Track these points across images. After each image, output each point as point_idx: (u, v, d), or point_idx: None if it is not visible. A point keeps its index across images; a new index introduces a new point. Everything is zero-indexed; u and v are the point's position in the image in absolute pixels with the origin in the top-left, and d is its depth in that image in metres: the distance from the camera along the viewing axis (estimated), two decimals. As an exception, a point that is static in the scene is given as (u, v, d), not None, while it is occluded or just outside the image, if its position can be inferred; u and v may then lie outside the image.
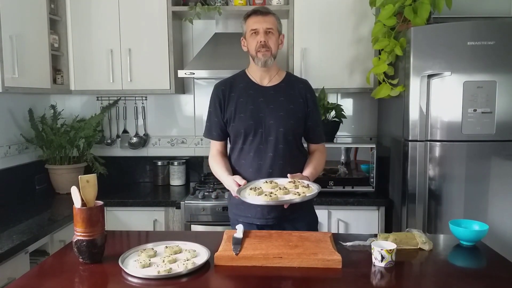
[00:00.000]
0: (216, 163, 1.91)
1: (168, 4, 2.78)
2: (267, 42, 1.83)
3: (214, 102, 1.92)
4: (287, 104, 1.88)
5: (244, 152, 1.88)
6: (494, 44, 2.26)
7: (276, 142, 1.86)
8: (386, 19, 2.43)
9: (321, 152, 2.00)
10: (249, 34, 1.86)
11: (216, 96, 1.92)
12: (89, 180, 1.47)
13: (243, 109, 1.87)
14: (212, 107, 1.94)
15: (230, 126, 1.90)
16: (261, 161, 1.85)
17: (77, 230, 1.44)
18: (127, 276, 1.34)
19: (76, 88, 2.88)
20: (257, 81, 1.92)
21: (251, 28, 1.84)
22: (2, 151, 2.63)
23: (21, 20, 2.37)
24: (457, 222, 1.69)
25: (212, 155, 1.97)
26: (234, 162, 1.92)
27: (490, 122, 2.30)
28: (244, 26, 1.89)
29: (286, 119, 1.86)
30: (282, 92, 1.90)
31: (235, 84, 1.93)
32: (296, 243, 1.53)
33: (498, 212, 2.34)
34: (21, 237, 1.90)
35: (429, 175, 2.37)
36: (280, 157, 1.86)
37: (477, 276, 1.42)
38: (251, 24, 1.85)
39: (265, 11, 1.86)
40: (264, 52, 1.83)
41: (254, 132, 1.86)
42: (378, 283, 1.36)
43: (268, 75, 1.92)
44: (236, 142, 1.91)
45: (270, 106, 1.87)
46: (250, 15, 1.86)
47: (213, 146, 1.97)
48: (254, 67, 1.90)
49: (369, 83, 2.68)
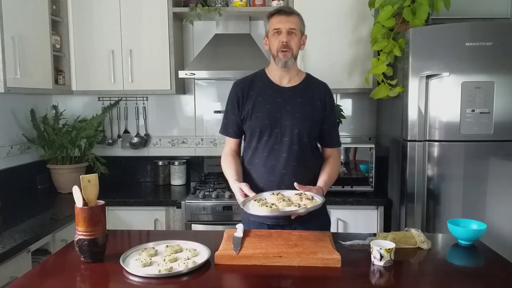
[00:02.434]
0: (227, 164, 1.90)
1: (168, 5, 2.79)
2: (289, 42, 1.81)
3: (232, 100, 1.91)
4: (304, 106, 1.87)
5: (258, 151, 1.87)
6: (492, 45, 2.27)
7: (290, 143, 1.84)
8: (385, 20, 2.45)
9: (335, 159, 1.96)
10: (272, 34, 1.83)
11: (234, 94, 1.91)
12: (91, 179, 1.48)
13: (260, 108, 1.85)
14: (229, 104, 1.93)
15: (246, 124, 1.88)
16: (275, 161, 1.84)
17: (79, 230, 1.45)
18: (128, 275, 1.35)
19: (78, 89, 2.89)
20: (276, 81, 1.91)
21: (274, 28, 1.82)
22: (4, 151, 2.64)
23: (23, 21, 2.39)
24: (455, 221, 1.70)
25: (225, 153, 1.96)
26: (248, 161, 1.91)
27: (488, 122, 2.31)
28: (267, 25, 1.87)
29: (302, 121, 1.85)
30: (300, 94, 1.88)
31: (254, 82, 1.92)
32: (296, 242, 1.54)
33: (496, 211, 2.35)
34: (23, 236, 1.91)
35: (428, 175, 2.38)
36: (294, 158, 1.84)
37: (475, 275, 1.43)
38: (274, 24, 1.82)
39: (289, 11, 1.84)
40: (285, 53, 1.81)
41: (269, 131, 1.84)
42: (377, 282, 1.37)
43: (288, 76, 1.90)
44: (250, 140, 1.90)
45: (287, 107, 1.85)
46: (274, 14, 1.84)
47: (228, 143, 1.97)
48: (274, 66, 1.89)
49: (368, 83, 2.69)
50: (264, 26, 1.92)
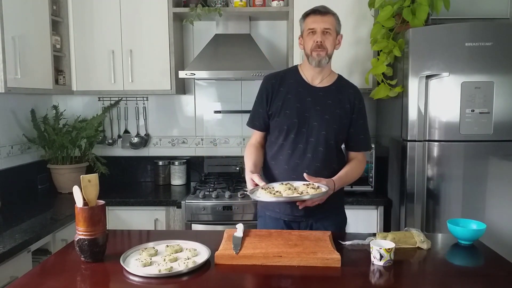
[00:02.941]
0: (248, 154, 1.91)
1: (169, 6, 2.80)
2: (323, 42, 1.82)
3: (261, 94, 1.92)
4: (334, 108, 1.86)
5: (284, 148, 1.87)
6: (491, 45, 2.27)
7: (316, 144, 1.84)
8: (385, 21, 2.45)
9: (358, 161, 1.94)
10: (307, 33, 1.85)
11: (264, 88, 1.91)
12: (91, 179, 1.49)
13: (290, 105, 1.85)
14: (259, 97, 1.93)
15: (273, 120, 1.88)
16: (299, 160, 1.84)
17: (79, 229, 1.45)
18: (129, 275, 1.35)
19: (78, 89, 2.90)
20: (308, 80, 1.91)
21: (308, 27, 1.83)
22: (5, 151, 2.64)
23: (24, 21, 2.39)
24: (455, 221, 1.70)
25: (249, 144, 1.97)
26: (272, 157, 1.90)
27: (488, 122, 2.32)
28: (303, 25, 1.88)
29: (331, 123, 1.85)
30: (330, 95, 1.88)
31: (285, 79, 1.91)
32: (296, 242, 1.55)
33: (496, 211, 2.35)
34: (24, 236, 1.91)
35: (428, 174, 2.39)
36: (318, 159, 1.84)
37: (475, 275, 1.43)
38: (309, 23, 1.84)
39: (324, 11, 1.84)
40: (319, 52, 1.82)
41: (297, 130, 1.84)
42: (377, 282, 1.37)
43: (320, 76, 1.90)
44: (277, 137, 1.89)
45: (317, 107, 1.85)
46: (309, 14, 1.85)
47: (254, 135, 1.99)
48: (307, 65, 1.89)
49: (368, 83, 2.70)
50: (300, 26, 1.92)
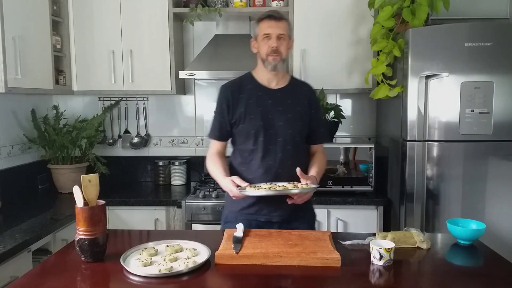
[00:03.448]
0: (214, 163, 1.92)
1: (169, 6, 2.80)
2: (279, 47, 1.85)
3: (221, 103, 1.92)
4: (294, 106, 1.92)
5: (255, 152, 1.89)
6: (491, 45, 2.27)
7: (284, 143, 1.88)
8: (385, 21, 2.45)
9: (321, 153, 2.04)
10: (262, 38, 1.88)
11: (224, 97, 1.92)
12: (91, 179, 1.49)
13: (253, 110, 1.88)
14: (219, 108, 1.93)
15: (238, 127, 1.90)
16: (272, 162, 1.87)
17: (79, 229, 1.45)
18: (129, 275, 1.36)
19: (78, 89, 2.90)
20: (264, 83, 1.94)
21: (264, 32, 1.87)
22: (5, 151, 2.65)
23: (24, 22, 2.39)
24: (455, 221, 1.70)
25: (210, 154, 1.97)
26: (241, 163, 1.92)
27: (487, 123, 2.32)
28: (257, 29, 1.91)
29: (294, 121, 1.90)
30: (289, 95, 1.93)
31: (243, 85, 1.94)
32: (296, 242, 1.55)
33: (495, 211, 2.36)
34: (24, 236, 1.92)
35: (427, 174, 2.39)
36: (289, 158, 1.88)
37: (474, 275, 1.44)
38: (264, 28, 1.87)
39: (279, 17, 1.88)
40: (274, 56, 1.86)
41: (264, 133, 1.87)
42: (377, 282, 1.37)
43: (276, 78, 1.94)
44: (244, 142, 1.90)
45: (278, 108, 1.90)
46: (264, 19, 1.88)
47: (214, 145, 1.98)
48: (263, 69, 1.92)
49: (368, 83, 2.70)
50: (254, 29, 1.94)
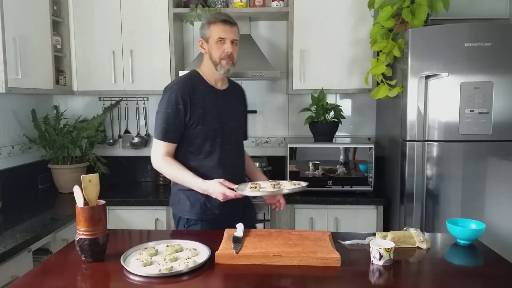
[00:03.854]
0: (177, 167, 1.88)
1: (169, 6, 2.80)
2: (232, 52, 1.90)
3: (177, 104, 1.86)
4: (238, 106, 2.06)
5: (213, 153, 1.91)
6: (491, 45, 2.28)
7: (236, 142, 2.01)
8: (385, 21, 2.45)
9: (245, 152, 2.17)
10: (215, 41, 1.88)
11: (180, 98, 1.86)
12: (91, 179, 1.49)
13: (209, 112, 1.91)
14: (174, 109, 1.86)
15: (196, 129, 1.89)
16: (229, 161, 1.95)
17: (80, 229, 1.45)
18: (129, 275, 1.36)
19: (79, 89, 2.91)
20: (212, 84, 1.97)
21: (219, 36, 1.88)
22: (6, 151, 2.65)
23: (24, 22, 2.40)
24: (454, 221, 1.71)
25: (163, 156, 1.88)
26: (199, 165, 1.91)
27: (487, 123, 2.32)
28: (208, 30, 1.90)
29: (241, 120, 2.08)
30: (232, 95, 2.04)
31: (195, 86, 1.92)
32: (296, 242, 1.55)
33: (495, 211, 2.36)
34: (24, 236, 1.92)
35: (427, 174, 2.39)
36: (241, 156, 2.06)
37: (474, 275, 1.44)
38: (218, 32, 1.88)
39: (233, 22, 1.91)
40: (228, 61, 1.90)
41: (221, 134, 1.93)
42: (377, 281, 1.37)
43: (221, 80, 2.00)
44: (201, 145, 1.91)
45: (228, 109, 1.98)
46: (218, 23, 1.89)
47: (164, 148, 1.89)
48: (212, 71, 1.93)
49: (368, 84, 2.70)
50: (203, 29, 1.93)
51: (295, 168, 2.72)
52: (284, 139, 3.22)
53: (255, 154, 3.23)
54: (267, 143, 3.25)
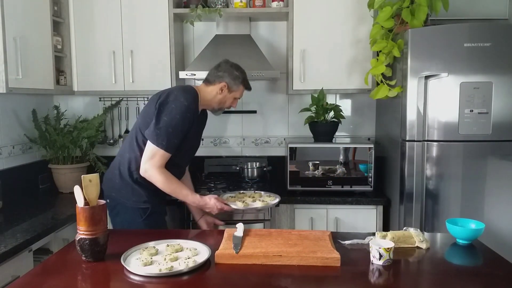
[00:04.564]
0: (174, 180, 2.05)
1: (169, 6, 2.81)
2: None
3: (188, 120, 2.02)
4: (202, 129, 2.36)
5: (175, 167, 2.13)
6: (490, 45, 2.28)
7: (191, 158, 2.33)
8: (384, 21, 2.46)
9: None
10: (233, 96, 2.19)
11: (192, 116, 2.04)
12: (92, 179, 1.50)
13: (194, 131, 2.15)
14: (185, 123, 2.01)
15: (182, 144, 2.06)
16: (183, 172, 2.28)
17: (80, 229, 1.46)
18: (129, 274, 1.36)
19: (79, 89, 2.91)
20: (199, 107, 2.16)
21: (238, 96, 2.21)
22: (6, 151, 2.66)
23: (25, 22, 2.40)
24: (454, 220, 1.71)
25: (162, 168, 2.01)
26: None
27: (487, 123, 2.33)
28: (237, 88, 2.17)
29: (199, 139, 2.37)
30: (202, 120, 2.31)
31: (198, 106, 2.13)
32: (296, 242, 1.56)
33: (494, 211, 2.36)
34: (25, 236, 1.92)
35: (426, 174, 2.40)
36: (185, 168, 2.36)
37: (473, 274, 1.44)
38: (241, 94, 2.22)
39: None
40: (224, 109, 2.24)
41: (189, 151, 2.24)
42: (376, 281, 1.38)
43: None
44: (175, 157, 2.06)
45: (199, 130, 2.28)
46: (246, 88, 2.22)
47: (164, 158, 2.00)
48: (208, 104, 2.18)
49: (367, 84, 2.70)
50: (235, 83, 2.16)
51: (295, 168, 2.72)
52: (284, 139, 3.23)
53: (255, 154, 3.24)
54: (267, 143, 3.25)
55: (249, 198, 2.23)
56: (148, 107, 2.10)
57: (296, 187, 2.71)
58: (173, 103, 1.98)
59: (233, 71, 2.15)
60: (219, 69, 2.16)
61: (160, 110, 1.98)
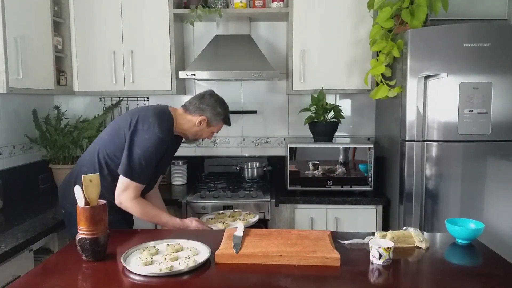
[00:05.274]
0: (150, 207, 2.01)
1: (169, 7, 2.81)
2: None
3: (162, 151, 1.96)
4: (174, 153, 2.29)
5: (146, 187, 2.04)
6: (489, 46, 2.28)
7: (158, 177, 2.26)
8: (384, 21, 2.46)
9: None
10: (211, 130, 2.14)
11: (166, 147, 1.98)
12: (92, 179, 1.50)
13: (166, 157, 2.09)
14: (159, 151, 1.94)
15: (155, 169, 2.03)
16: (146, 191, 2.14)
17: (81, 229, 1.47)
18: (130, 274, 1.37)
19: (80, 89, 2.91)
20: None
21: (216, 131, 2.17)
22: (7, 151, 2.66)
23: (25, 23, 2.40)
24: (453, 220, 1.71)
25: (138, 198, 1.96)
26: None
27: (486, 123, 2.33)
28: (218, 123, 2.12)
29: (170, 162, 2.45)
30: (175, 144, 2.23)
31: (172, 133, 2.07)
32: (296, 241, 1.56)
33: (494, 210, 2.37)
34: (26, 235, 1.92)
35: (426, 174, 2.40)
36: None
37: (473, 274, 1.45)
38: (219, 128, 2.16)
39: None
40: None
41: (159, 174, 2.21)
42: (376, 281, 1.38)
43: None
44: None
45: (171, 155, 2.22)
46: (225, 123, 2.17)
47: (138, 190, 1.96)
48: (182, 132, 2.11)
49: (367, 84, 2.71)
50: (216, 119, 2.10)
51: (295, 168, 2.73)
52: (284, 139, 3.23)
53: (255, 154, 3.24)
54: (267, 143, 3.26)
55: (229, 218, 2.20)
56: (118, 126, 2.01)
57: (296, 187, 2.72)
58: (147, 133, 1.90)
59: (216, 106, 2.07)
60: (203, 101, 2.07)
61: (132, 140, 1.91)
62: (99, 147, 2.02)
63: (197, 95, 2.13)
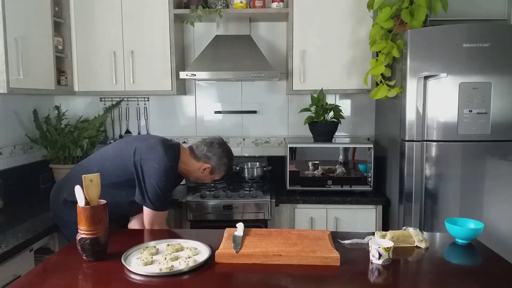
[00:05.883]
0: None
1: (170, 7, 2.81)
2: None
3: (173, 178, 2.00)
4: None
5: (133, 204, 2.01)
6: (489, 46, 2.29)
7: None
8: (384, 22, 2.46)
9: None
10: (213, 177, 2.15)
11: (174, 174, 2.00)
12: (93, 179, 1.50)
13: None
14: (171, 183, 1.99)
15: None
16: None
17: (81, 228, 1.47)
18: (130, 274, 1.37)
19: (80, 89, 2.91)
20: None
21: (217, 178, 2.18)
22: (8, 151, 2.66)
23: (26, 23, 2.41)
24: (453, 220, 1.71)
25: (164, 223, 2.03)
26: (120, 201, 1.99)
27: (485, 123, 2.33)
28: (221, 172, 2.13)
29: None
30: None
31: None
32: (295, 241, 1.56)
33: (493, 210, 2.37)
34: (26, 235, 1.92)
35: (426, 174, 2.40)
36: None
37: (472, 274, 1.45)
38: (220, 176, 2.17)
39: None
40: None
41: None
42: (376, 280, 1.38)
43: None
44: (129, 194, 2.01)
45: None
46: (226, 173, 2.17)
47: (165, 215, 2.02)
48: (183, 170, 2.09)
49: (367, 84, 2.71)
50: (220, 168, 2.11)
51: (295, 168, 2.73)
52: (284, 139, 3.23)
53: (255, 154, 3.24)
54: (267, 143, 3.26)
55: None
56: (123, 148, 2.01)
57: (296, 187, 2.72)
58: (156, 163, 1.90)
59: (222, 157, 2.08)
60: (210, 149, 2.07)
61: (143, 171, 1.91)
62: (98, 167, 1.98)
63: (206, 141, 2.11)
